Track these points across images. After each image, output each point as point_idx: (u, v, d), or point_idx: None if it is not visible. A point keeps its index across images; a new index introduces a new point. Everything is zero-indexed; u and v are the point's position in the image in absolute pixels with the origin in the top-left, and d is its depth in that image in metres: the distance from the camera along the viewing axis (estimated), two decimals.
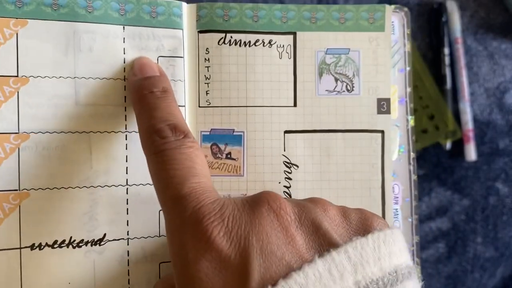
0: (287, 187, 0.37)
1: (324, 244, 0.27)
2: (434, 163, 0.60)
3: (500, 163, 0.61)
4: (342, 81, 0.37)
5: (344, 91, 0.37)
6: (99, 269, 0.34)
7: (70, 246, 0.33)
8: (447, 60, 0.59)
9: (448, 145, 0.59)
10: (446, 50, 0.59)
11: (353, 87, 0.37)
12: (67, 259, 0.33)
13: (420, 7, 0.60)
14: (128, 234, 0.34)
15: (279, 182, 0.37)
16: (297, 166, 0.37)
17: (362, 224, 0.29)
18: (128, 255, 0.34)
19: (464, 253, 0.58)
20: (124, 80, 0.34)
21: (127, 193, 0.34)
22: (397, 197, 0.38)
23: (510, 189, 0.61)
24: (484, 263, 0.60)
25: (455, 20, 0.60)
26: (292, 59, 0.36)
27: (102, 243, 0.33)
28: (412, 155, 0.39)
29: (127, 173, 0.34)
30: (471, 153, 0.59)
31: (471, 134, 0.59)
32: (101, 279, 0.34)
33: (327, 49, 0.36)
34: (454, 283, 0.59)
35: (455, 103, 0.60)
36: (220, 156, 0.36)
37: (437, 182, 0.60)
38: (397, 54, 0.37)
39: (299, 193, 0.37)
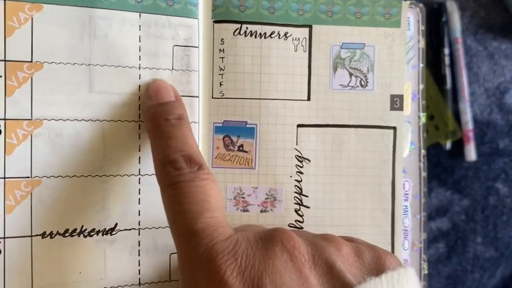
0: (298, 181, 0.37)
1: (337, 285, 0.27)
2: (434, 163, 0.61)
3: (500, 163, 0.61)
4: (357, 76, 0.37)
5: (358, 86, 0.37)
6: (110, 259, 0.34)
7: (82, 235, 0.33)
8: (447, 60, 0.60)
9: (448, 145, 0.60)
10: (446, 50, 0.60)
11: (367, 82, 0.37)
12: (78, 248, 0.33)
13: None
14: (139, 224, 0.34)
15: (291, 176, 0.37)
16: (309, 161, 0.37)
17: (376, 263, 0.29)
18: (139, 245, 0.34)
19: (464, 253, 0.59)
20: (140, 69, 0.34)
21: (139, 183, 0.34)
22: (407, 194, 0.38)
23: (510, 189, 0.61)
24: (484, 263, 0.61)
25: (455, 20, 0.60)
26: (307, 52, 0.36)
27: (114, 232, 0.34)
28: (423, 152, 0.40)
29: (139, 162, 0.34)
30: (471, 153, 0.60)
31: (471, 134, 0.60)
32: (112, 268, 0.34)
33: (343, 43, 0.37)
34: (454, 283, 0.59)
35: (455, 103, 0.61)
36: (232, 148, 0.36)
37: (437, 182, 0.61)
38: (411, 51, 0.38)
39: (310, 188, 0.37)
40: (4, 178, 0.32)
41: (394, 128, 0.38)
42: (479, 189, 0.61)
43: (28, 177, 0.32)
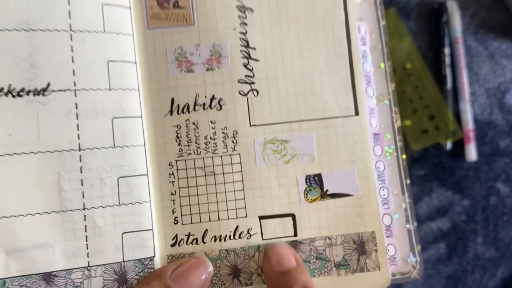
0: (244, 33, 0.38)
1: None
2: (435, 163, 0.64)
3: (500, 163, 0.64)
4: None
5: None
6: (44, 122, 0.34)
7: (10, 94, 0.34)
8: (447, 60, 0.63)
9: (448, 145, 0.63)
10: (447, 50, 0.63)
11: None
12: (6, 109, 0.34)
13: (421, 7, 0.64)
14: (75, 85, 0.35)
15: (234, 29, 0.38)
16: (252, 10, 0.38)
17: None
18: (76, 108, 0.35)
19: (464, 253, 0.61)
20: None
21: (71, 40, 0.35)
22: (364, 38, 0.39)
23: (510, 189, 0.64)
24: (484, 264, 0.63)
25: (456, 20, 0.64)
26: None
27: (46, 93, 0.34)
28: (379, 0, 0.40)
29: (70, 17, 0.35)
30: (471, 153, 0.63)
31: (471, 134, 0.63)
32: (46, 132, 0.34)
33: None
34: (455, 283, 0.61)
35: (456, 103, 0.64)
36: (167, 5, 0.37)
37: (438, 182, 0.64)
38: None
39: (257, 39, 0.38)
40: None
41: None
42: (480, 189, 0.64)
43: None
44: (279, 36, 0.38)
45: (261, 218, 0.37)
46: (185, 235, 0.37)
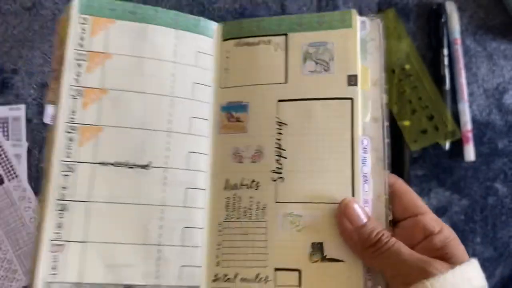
0: (279, 140, 0.57)
1: None
2: (434, 163, 0.70)
3: (499, 163, 0.71)
4: (321, 64, 0.57)
5: (322, 71, 0.57)
6: (143, 185, 0.55)
7: (126, 166, 0.54)
8: (446, 60, 0.70)
9: (447, 145, 0.70)
10: (445, 51, 0.70)
11: (329, 68, 0.57)
12: (123, 175, 0.54)
13: (419, 7, 0.72)
14: (166, 165, 0.55)
15: (272, 136, 0.57)
16: (286, 124, 0.57)
17: None
18: (165, 179, 0.55)
19: None
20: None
21: (168, 137, 0.57)
22: (366, 148, 0.56)
23: (509, 189, 0.71)
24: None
25: (454, 21, 0.71)
26: (284, 51, 0.58)
27: (148, 168, 0.55)
28: (386, 123, 0.55)
29: (169, 123, 0.57)
30: (470, 153, 0.70)
31: (470, 135, 0.70)
32: (144, 192, 0.55)
33: (310, 43, 0.58)
34: None
35: (454, 104, 0.70)
36: (232, 120, 0.59)
37: (436, 182, 0.71)
38: (369, 43, 0.57)
39: (288, 144, 0.56)
40: None
41: (351, 99, 0.56)
42: (478, 189, 0.71)
43: (96, 125, 0.55)
44: (303, 143, 0.57)
45: (276, 269, 0.55)
46: (223, 275, 0.56)
